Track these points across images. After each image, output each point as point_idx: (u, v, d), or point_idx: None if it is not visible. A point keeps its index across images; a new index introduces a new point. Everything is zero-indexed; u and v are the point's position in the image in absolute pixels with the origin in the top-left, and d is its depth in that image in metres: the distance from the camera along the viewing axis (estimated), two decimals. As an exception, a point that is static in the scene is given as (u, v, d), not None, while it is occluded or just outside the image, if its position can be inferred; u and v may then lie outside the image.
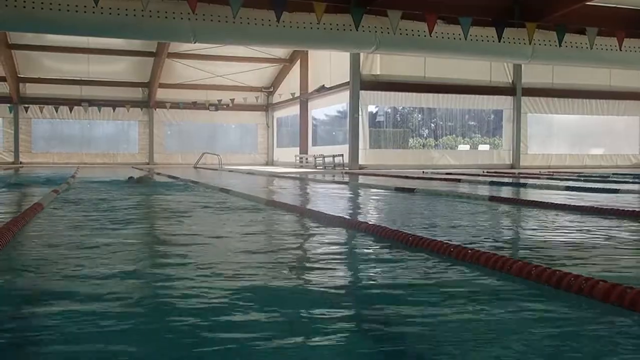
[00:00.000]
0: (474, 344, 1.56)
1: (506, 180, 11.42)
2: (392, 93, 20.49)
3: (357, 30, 13.74)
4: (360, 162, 19.57)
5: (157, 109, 26.79)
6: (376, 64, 20.08)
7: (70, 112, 25.50)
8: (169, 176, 12.97)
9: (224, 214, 4.95)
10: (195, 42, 14.05)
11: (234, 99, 25.92)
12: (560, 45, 14.97)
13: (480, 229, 3.99)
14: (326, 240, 3.46)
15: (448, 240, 3.10)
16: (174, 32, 13.39)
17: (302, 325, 1.72)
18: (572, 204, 5.53)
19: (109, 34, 13.82)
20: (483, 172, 16.30)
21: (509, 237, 3.85)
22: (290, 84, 25.44)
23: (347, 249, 3.25)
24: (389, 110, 23.77)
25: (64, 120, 26.23)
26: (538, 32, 14.76)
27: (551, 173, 14.75)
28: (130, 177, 10.33)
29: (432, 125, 24.83)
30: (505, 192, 8.15)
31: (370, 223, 3.79)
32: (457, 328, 1.69)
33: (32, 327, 1.69)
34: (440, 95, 20.95)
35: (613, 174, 14.06)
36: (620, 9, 15.96)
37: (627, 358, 1.48)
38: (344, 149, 20.19)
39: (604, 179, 11.37)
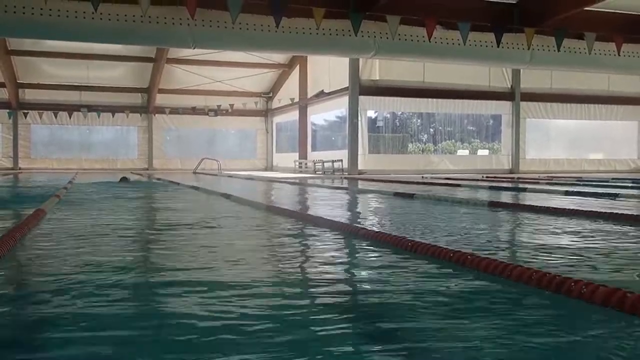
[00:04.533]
0: (473, 350, 1.55)
1: (505, 185, 11.42)
2: (391, 98, 20.51)
3: (356, 35, 13.76)
4: (360, 167, 19.57)
5: (156, 115, 26.78)
6: (375, 69, 20.10)
7: (70, 117, 25.51)
8: (171, 181, 12.98)
9: (224, 218, 4.95)
10: (194, 48, 14.07)
11: (233, 105, 25.93)
12: (558, 50, 15.00)
13: (481, 235, 3.99)
14: (326, 246, 3.45)
15: (447, 245, 3.10)
16: (173, 37, 13.40)
17: (303, 331, 1.71)
18: (573, 208, 5.53)
19: (108, 40, 13.81)
20: (482, 177, 16.32)
21: (509, 243, 3.84)
22: (290, 90, 25.46)
23: (346, 255, 3.25)
24: (388, 115, 23.80)
25: (63, 126, 26.21)
26: (537, 37, 14.79)
27: (550, 178, 14.75)
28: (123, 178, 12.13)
29: (431, 130, 24.87)
30: (505, 197, 8.15)
31: (369, 229, 3.79)
32: (458, 334, 1.68)
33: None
34: (439, 100, 20.98)
35: (612, 178, 14.07)
36: (619, 15, 15.98)
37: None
38: (343, 154, 20.20)
39: (603, 183, 11.38)
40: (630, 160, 23.74)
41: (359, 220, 5.27)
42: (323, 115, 24.96)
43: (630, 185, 10.91)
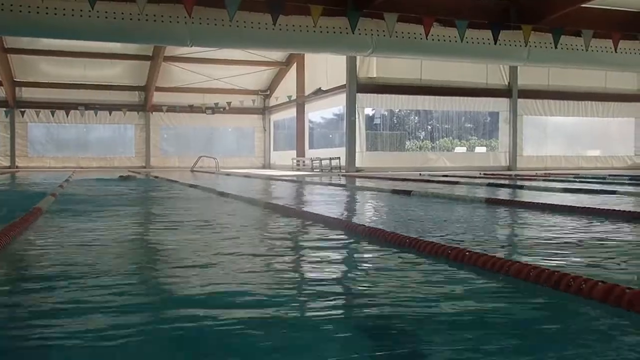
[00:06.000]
0: (470, 344, 1.56)
1: (503, 182, 11.44)
2: (389, 96, 20.51)
3: (353, 33, 13.74)
4: (357, 164, 19.57)
5: (153, 113, 26.74)
6: (372, 66, 20.09)
7: (67, 116, 25.44)
8: (168, 180, 12.97)
9: (225, 215, 4.95)
10: (191, 46, 14.03)
11: (230, 103, 25.90)
12: (555, 47, 15.00)
13: (478, 231, 4.00)
14: (325, 243, 3.46)
15: (445, 241, 3.11)
16: (170, 35, 13.36)
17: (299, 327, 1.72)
18: (571, 205, 5.54)
19: (105, 38, 13.77)
20: (480, 174, 16.34)
21: (507, 239, 3.85)
22: (287, 87, 25.42)
23: (343, 252, 3.25)
24: (386, 112, 23.82)
25: (60, 124, 26.14)
26: (534, 34, 14.79)
27: (547, 175, 14.78)
28: (120, 176, 12.59)
29: (429, 127, 24.91)
30: (503, 194, 8.16)
31: (367, 226, 3.80)
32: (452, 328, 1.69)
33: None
34: (437, 97, 20.97)
35: (609, 175, 14.10)
36: (616, 12, 15.99)
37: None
38: (341, 152, 20.19)
39: (600, 180, 11.40)
40: (627, 157, 23.77)
41: (356, 217, 5.27)
42: (320, 113, 24.95)
43: (627, 182, 10.93)
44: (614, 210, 4.97)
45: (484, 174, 16.43)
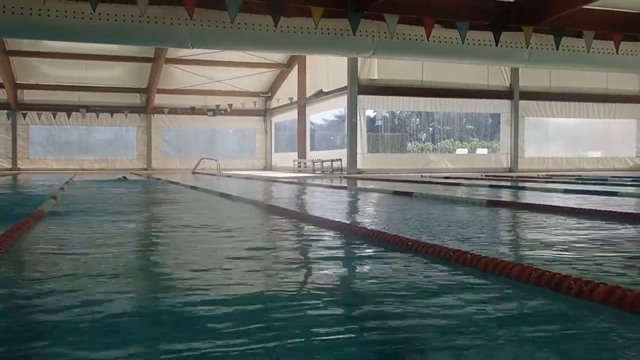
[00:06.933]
0: (471, 347, 1.55)
1: (504, 184, 11.43)
2: (390, 97, 20.51)
3: (354, 34, 13.75)
4: (359, 166, 19.58)
5: (155, 115, 26.77)
6: (374, 68, 20.10)
7: (68, 118, 25.49)
8: (169, 181, 12.98)
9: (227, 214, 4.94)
10: (192, 48, 14.06)
11: (231, 104, 25.92)
12: (557, 49, 15.00)
13: (479, 233, 3.99)
14: (323, 245, 3.45)
15: (446, 243, 3.10)
16: (172, 37, 13.39)
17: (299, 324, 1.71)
18: (573, 206, 5.53)
19: (107, 40, 13.80)
20: (481, 175, 16.33)
21: (508, 241, 3.84)
22: (288, 89, 25.45)
23: (343, 253, 3.24)
24: (387, 114, 23.82)
25: (62, 127, 26.17)
26: (535, 36, 14.80)
27: (549, 176, 14.77)
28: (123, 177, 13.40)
29: (430, 129, 24.90)
30: (504, 196, 8.15)
31: (368, 228, 3.79)
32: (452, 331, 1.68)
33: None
34: (438, 99, 20.98)
35: (611, 177, 14.09)
36: (617, 13, 15.98)
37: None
38: (342, 154, 20.20)
39: (602, 182, 11.39)
40: (629, 159, 23.75)
41: (357, 219, 5.26)
42: (322, 114, 24.96)
43: (629, 183, 10.91)
44: (615, 211, 4.96)
45: (485, 175, 16.42)
